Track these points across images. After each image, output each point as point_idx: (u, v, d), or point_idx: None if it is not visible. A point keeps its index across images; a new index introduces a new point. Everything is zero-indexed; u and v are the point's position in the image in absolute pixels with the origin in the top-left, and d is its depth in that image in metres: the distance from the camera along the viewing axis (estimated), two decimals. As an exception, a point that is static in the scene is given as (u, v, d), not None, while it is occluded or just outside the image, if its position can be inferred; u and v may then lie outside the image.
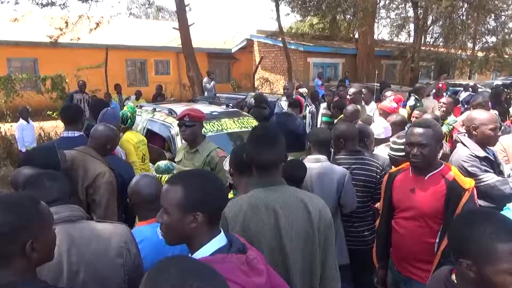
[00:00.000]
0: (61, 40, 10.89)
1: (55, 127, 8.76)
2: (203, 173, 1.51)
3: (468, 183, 2.13)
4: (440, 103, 5.35)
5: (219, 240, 1.36)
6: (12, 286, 1.17)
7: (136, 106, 6.05)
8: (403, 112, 5.41)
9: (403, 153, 2.65)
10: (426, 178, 2.22)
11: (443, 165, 2.25)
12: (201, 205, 1.32)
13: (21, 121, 7.01)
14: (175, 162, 3.52)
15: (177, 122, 3.30)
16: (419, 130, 2.21)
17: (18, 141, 7.06)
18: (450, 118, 5.13)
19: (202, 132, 4.37)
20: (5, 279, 1.17)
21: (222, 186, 1.44)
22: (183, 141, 3.39)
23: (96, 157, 2.82)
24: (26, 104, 7.98)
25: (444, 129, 4.86)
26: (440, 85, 7.61)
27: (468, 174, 2.66)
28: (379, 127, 3.71)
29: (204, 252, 1.33)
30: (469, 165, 2.67)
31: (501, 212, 1.85)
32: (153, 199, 1.94)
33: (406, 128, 3.51)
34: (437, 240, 2.14)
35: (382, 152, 3.44)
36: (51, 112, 8.44)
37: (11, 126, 8.08)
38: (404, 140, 2.72)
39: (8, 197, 1.29)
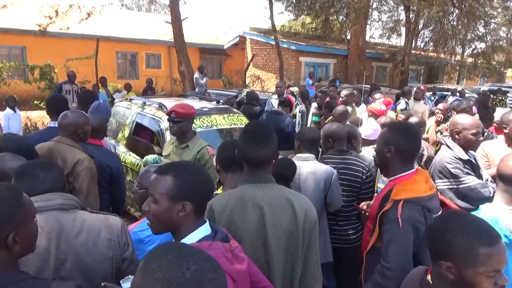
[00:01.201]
0: (51, 29, 10.71)
1: (42, 117, 8.64)
2: (192, 164, 1.56)
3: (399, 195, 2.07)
4: (436, 109, 5.34)
5: (205, 229, 1.41)
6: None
7: (126, 99, 6.03)
8: (391, 115, 5.48)
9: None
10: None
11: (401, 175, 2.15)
12: (190, 195, 1.36)
13: (8, 109, 6.90)
14: (163, 156, 3.51)
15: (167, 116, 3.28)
16: None
17: (4, 130, 6.95)
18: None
19: (193, 128, 4.43)
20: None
21: (209, 178, 1.48)
22: (172, 136, 3.37)
23: (73, 145, 2.83)
24: (13, 93, 7.86)
25: (439, 136, 4.90)
26: (422, 87, 7.71)
27: (451, 175, 2.73)
28: (368, 129, 3.76)
29: (190, 239, 1.37)
30: (452, 166, 2.74)
31: (473, 213, 1.90)
32: None
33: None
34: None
35: (369, 153, 3.50)
36: (38, 102, 8.33)
37: (-3, 114, 7.96)
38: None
39: None
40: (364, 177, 2.96)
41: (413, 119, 4.25)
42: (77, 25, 11.06)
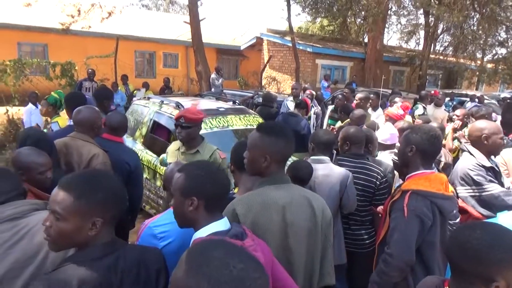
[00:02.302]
0: (72, 28, 10.95)
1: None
2: (206, 163, 1.62)
3: (408, 186, 2.14)
4: (454, 115, 5.25)
5: (219, 225, 1.46)
6: (112, 243, 1.41)
7: (144, 97, 6.12)
8: (408, 120, 5.42)
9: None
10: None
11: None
12: (196, 191, 1.46)
13: (30, 105, 7.06)
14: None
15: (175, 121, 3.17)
16: None
17: (25, 125, 7.11)
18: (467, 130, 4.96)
19: (209, 128, 4.48)
20: (107, 237, 1.41)
21: (221, 176, 1.54)
22: (175, 142, 3.31)
23: (88, 140, 2.91)
24: (35, 89, 8.05)
25: (456, 143, 4.83)
26: (432, 91, 7.58)
27: (474, 182, 2.70)
28: (385, 133, 3.74)
29: (201, 233, 1.44)
30: (475, 173, 2.71)
31: (490, 220, 1.90)
32: None
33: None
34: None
35: (385, 158, 3.48)
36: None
37: (19, 109, 8.16)
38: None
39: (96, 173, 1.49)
40: (378, 182, 2.93)
41: (433, 125, 4.20)
42: (98, 24, 11.27)
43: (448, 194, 2.09)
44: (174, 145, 3.26)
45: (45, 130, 4.52)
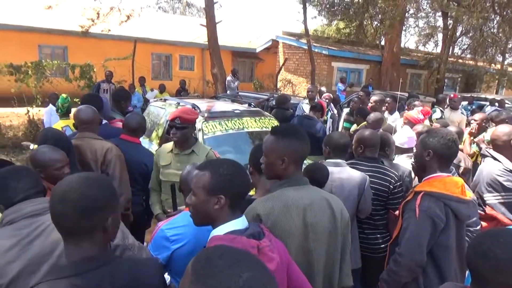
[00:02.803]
0: (92, 31, 11.16)
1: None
2: (229, 161, 1.60)
3: (422, 187, 2.16)
4: (472, 119, 5.15)
5: (237, 223, 1.47)
6: (99, 256, 1.25)
7: (160, 99, 6.19)
8: (426, 124, 5.33)
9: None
10: None
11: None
12: (224, 189, 1.46)
13: (50, 106, 7.20)
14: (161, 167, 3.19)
15: (169, 122, 3.11)
16: None
17: (46, 125, 7.26)
18: (488, 135, 4.86)
19: (224, 130, 4.51)
20: (90, 251, 1.25)
21: (245, 173, 1.55)
22: (166, 144, 3.26)
23: (96, 137, 2.98)
24: (55, 90, 8.22)
25: (474, 148, 4.73)
26: (452, 95, 7.45)
27: (503, 188, 2.65)
28: (403, 136, 3.69)
29: (219, 231, 1.45)
30: (504, 179, 2.66)
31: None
32: None
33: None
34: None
35: (402, 161, 3.44)
36: (78, 100, 8.67)
37: (39, 110, 8.34)
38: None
39: (93, 175, 1.36)
40: (392, 186, 2.89)
41: (451, 129, 4.13)
42: (116, 27, 11.45)
43: (464, 198, 2.07)
44: (166, 147, 3.18)
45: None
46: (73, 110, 3.29)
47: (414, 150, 2.49)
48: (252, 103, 6.04)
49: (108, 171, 2.87)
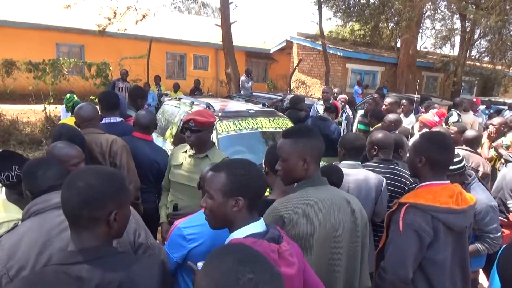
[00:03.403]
0: (108, 30, 11.30)
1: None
2: (244, 161, 1.54)
3: (407, 199, 2.04)
4: (490, 124, 5.06)
5: (256, 226, 1.42)
6: (96, 249, 1.25)
7: (175, 98, 6.23)
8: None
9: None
10: None
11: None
12: (243, 191, 1.41)
13: (66, 103, 7.31)
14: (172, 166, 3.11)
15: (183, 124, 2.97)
16: None
17: (62, 121, 7.37)
18: (507, 140, 4.73)
19: (238, 130, 4.50)
20: (90, 242, 1.25)
21: (261, 174, 1.51)
22: (181, 144, 3.17)
23: (99, 131, 3.01)
24: (71, 87, 8.34)
25: (492, 153, 4.64)
26: (475, 99, 7.34)
27: None
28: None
29: (238, 234, 1.41)
30: None
31: None
32: None
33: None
34: None
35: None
36: (94, 97, 8.78)
37: (56, 107, 8.48)
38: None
39: (102, 168, 1.37)
40: (406, 188, 2.86)
41: (469, 133, 4.05)
42: (132, 26, 11.58)
43: (458, 208, 1.91)
44: (181, 147, 3.08)
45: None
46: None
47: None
48: (266, 104, 6.02)
49: (116, 161, 2.91)
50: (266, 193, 2.42)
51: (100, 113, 3.33)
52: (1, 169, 2.11)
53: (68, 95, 5.63)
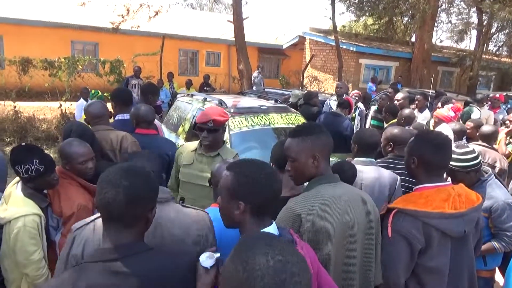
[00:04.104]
0: (122, 27, 11.40)
1: (109, 108, 9.23)
2: (255, 164, 1.46)
3: (397, 203, 1.95)
4: (507, 120, 4.96)
5: (269, 231, 1.39)
6: (132, 245, 1.28)
7: (187, 94, 6.26)
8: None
9: (461, 164, 2.57)
10: None
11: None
12: (244, 196, 1.37)
13: (81, 100, 7.41)
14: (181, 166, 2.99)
15: (197, 124, 2.85)
16: None
17: (77, 119, 7.48)
18: None
19: (251, 126, 4.50)
20: (126, 239, 1.28)
21: (272, 178, 1.42)
22: (191, 142, 3.11)
23: (109, 128, 3.05)
24: (86, 84, 8.46)
25: (510, 148, 4.56)
26: (498, 95, 7.18)
27: None
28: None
29: None
30: None
31: None
32: None
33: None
34: None
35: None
36: (108, 94, 8.88)
37: (71, 104, 8.61)
38: (464, 150, 2.62)
39: (136, 167, 1.39)
40: None
41: (486, 128, 3.97)
42: (145, 23, 11.67)
43: (455, 212, 1.80)
44: (189, 146, 3.00)
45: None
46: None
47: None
48: (279, 100, 6.00)
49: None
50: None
51: (111, 110, 3.35)
52: (21, 161, 2.15)
53: (93, 91, 5.73)
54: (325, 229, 1.62)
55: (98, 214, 1.57)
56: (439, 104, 6.10)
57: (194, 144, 2.99)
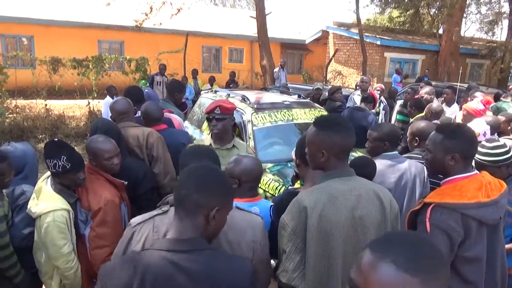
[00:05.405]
0: (145, 25, 11.59)
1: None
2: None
3: (432, 198, 1.90)
4: None
5: None
6: (194, 241, 1.32)
7: (211, 90, 6.32)
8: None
9: (492, 158, 2.50)
10: None
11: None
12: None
13: (108, 98, 7.58)
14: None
15: (206, 116, 2.94)
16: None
17: (104, 116, 7.67)
18: None
19: (274, 121, 4.49)
20: (188, 233, 1.32)
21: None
22: (203, 139, 3.13)
23: (134, 125, 3.08)
24: (112, 82, 8.66)
25: None
26: None
27: None
28: (479, 128, 3.42)
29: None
30: None
31: None
32: (258, 177, 2.19)
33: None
34: None
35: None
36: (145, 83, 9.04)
37: (99, 102, 8.84)
38: (494, 144, 2.54)
39: (218, 168, 1.48)
40: None
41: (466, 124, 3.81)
42: (168, 21, 11.81)
43: (489, 200, 1.81)
44: (203, 142, 3.05)
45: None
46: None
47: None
48: (302, 95, 5.97)
49: (153, 153, 2.98)
50: (297, 185, 2.41)
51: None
52: (51, 156, 2.22)
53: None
54: (332, 222, 1.61)
55: (157, 211, 1.63)
56: (469, 98, 5.90)
57: (207, 139, 3.04)
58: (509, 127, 3.93)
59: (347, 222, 1.64)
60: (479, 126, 3.44)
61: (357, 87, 7.24)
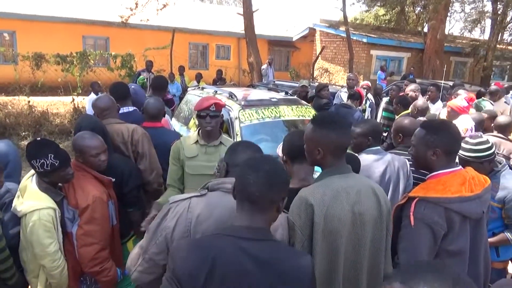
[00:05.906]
0: (131, 21, 11.45)
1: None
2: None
3: (417, 192, 1.95)
4: None
5: None
6: (263, 231, 1.36)
7: (198, 87, 6.28)
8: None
9: (475, 154, 2.56)
10: None
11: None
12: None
13: (92, 94, 7.49)
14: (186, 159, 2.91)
15: (198, 112, 2.84)
16: None
17: (88, 113, 7.57)
18: None
19: (261, 118, 4.50)
20: (258, 223, 1.35)
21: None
22: (188, 136, 3.06)
23: (119, 121, 3.06)
24: (97, 79, 8.54)
25: None
26: (501, 84, 6.99)
27: None
28: (466, 124, 3.49)
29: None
30: None
31: None
32: None
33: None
34: None
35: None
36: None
37: (83, 99, 8.72)
38: (477, 140, 2.60)
39: (273, 157, 1.49)
40: None
41: (501, 119, 3.91)
42: (155, 17, 11.70)
43: (472, 194, 1.85)
44: (189, 139, 2.95)
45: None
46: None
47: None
48: (289, 92, 5.98)
49: (138, 150, 2.97)
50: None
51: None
52: (37, 156, 2.16)
53: (141, 76, 5.61)
54: (337, 218, 1.63)
55: (195, 193, 1.65)
56: (452, 96, 6.00)
57: (193, 136, 2.96)
58: (492, 124, 4.02)
59: (348, 218, 1.66)
60: (467, 122, 3.51)
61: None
